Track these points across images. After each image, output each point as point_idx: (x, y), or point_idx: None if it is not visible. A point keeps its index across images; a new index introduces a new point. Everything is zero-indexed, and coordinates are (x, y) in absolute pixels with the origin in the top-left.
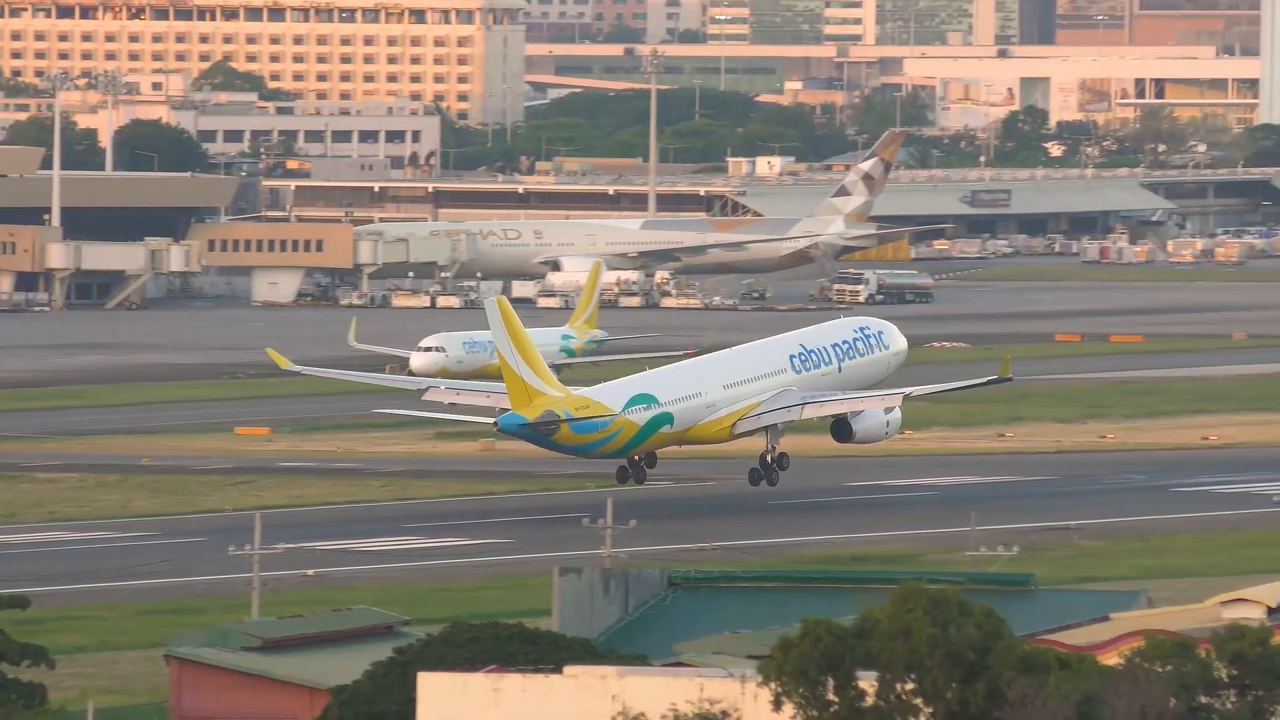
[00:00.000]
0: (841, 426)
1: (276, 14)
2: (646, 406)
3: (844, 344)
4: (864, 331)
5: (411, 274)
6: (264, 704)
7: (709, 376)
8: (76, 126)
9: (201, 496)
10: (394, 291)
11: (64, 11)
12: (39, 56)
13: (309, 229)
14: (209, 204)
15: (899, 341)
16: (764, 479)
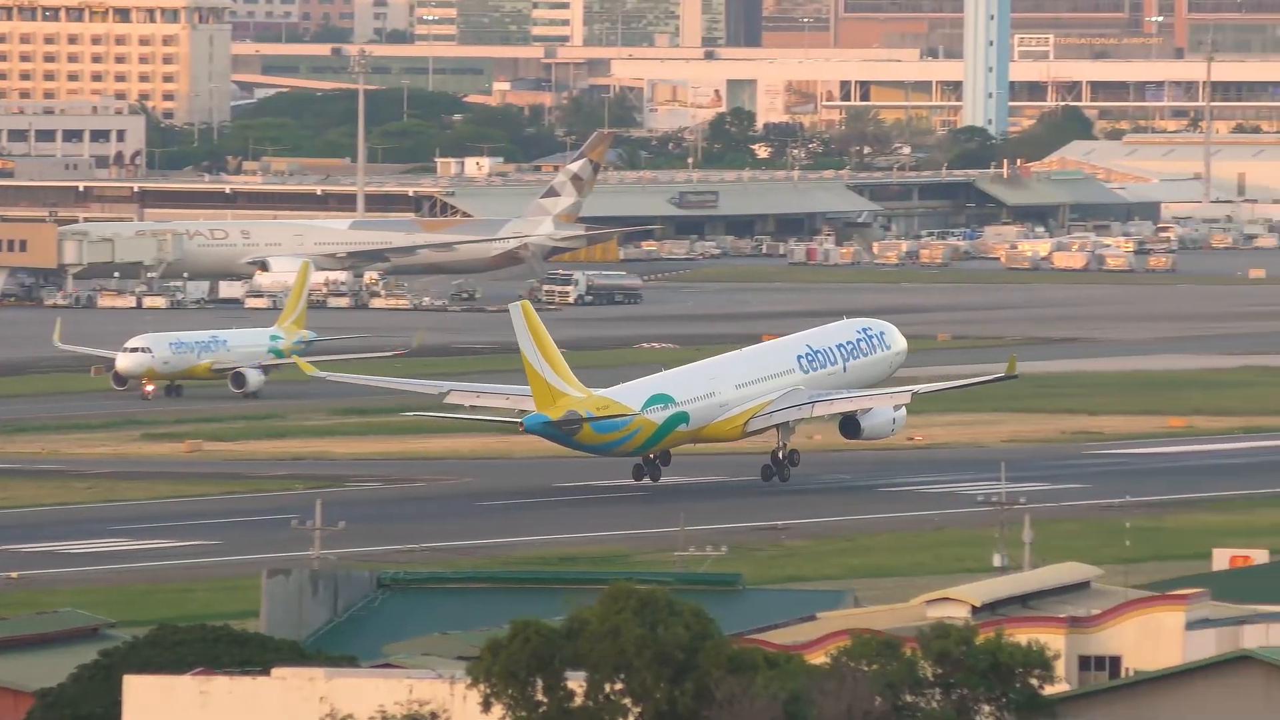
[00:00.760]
0: (850, 424)
1: None
2: (664, 406)
3: (848, 344)
4: (866, 332)
5: (117, 274)
6: None
7: (721, 377)
8: None
9: None
10: (99, 292)
11: None
12: None
13: (13, 229)
14: None
15: (899, 342)
16: (776, 475)
